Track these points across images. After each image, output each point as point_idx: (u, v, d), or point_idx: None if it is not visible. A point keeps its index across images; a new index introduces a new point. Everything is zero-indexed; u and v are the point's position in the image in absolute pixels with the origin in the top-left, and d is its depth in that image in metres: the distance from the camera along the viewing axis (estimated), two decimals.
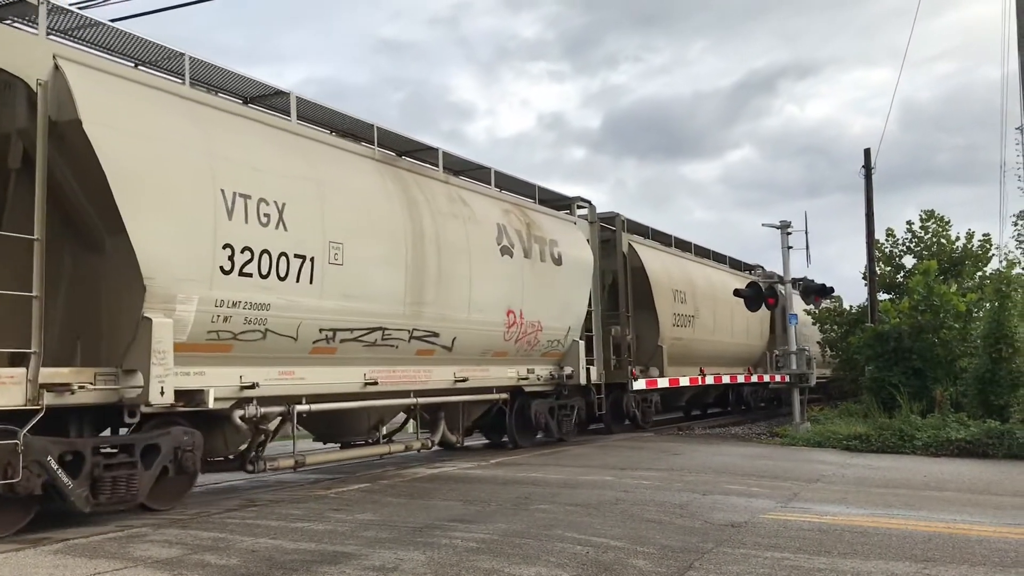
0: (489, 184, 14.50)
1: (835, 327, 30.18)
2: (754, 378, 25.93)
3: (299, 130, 10.53)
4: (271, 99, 10.62)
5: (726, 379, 23.68)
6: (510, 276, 13.79)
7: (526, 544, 6.80)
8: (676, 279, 20.98)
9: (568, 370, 15.43)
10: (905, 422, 17.00)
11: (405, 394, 11.99)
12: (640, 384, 18.73)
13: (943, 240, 31.20)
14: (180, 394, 8.39)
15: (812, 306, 25.61)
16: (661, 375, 19.28)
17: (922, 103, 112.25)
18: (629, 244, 19.42)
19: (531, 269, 14.28)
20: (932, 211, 31.67)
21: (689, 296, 21.41)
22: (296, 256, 9.53)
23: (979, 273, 30.49)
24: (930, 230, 31.47)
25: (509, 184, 15.30)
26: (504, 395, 14.33)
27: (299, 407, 10.02)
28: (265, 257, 9.13)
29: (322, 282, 9.90)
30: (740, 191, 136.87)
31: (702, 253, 24.63)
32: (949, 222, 31.41)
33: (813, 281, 20.98)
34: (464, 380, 12.98)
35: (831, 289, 21.51)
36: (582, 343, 15.76)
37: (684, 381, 21.30)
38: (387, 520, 7.91)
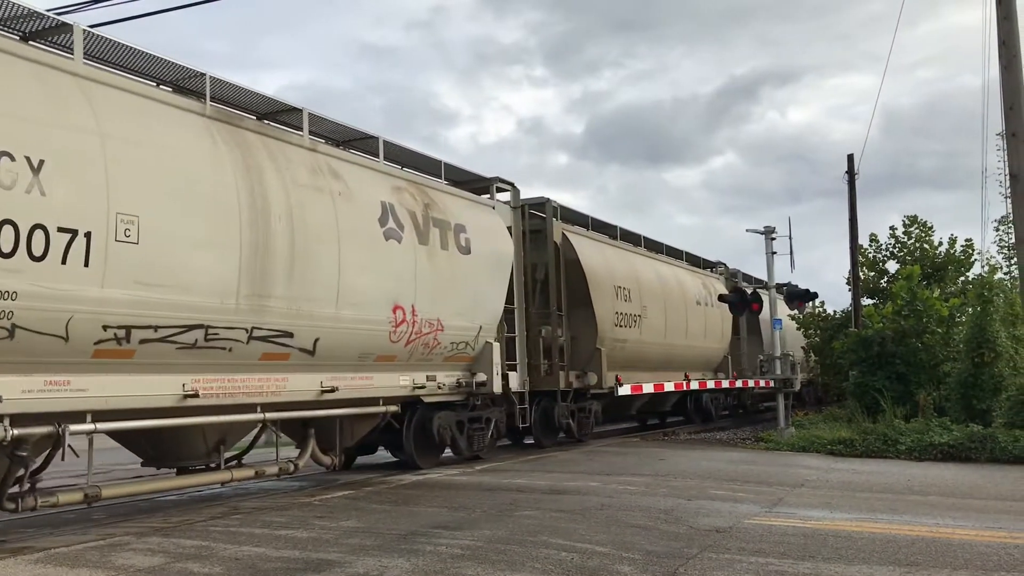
0: (377, 157, 12.28)
1: (818, 332, 30.33)
2: (725, 383, 24.76)
3: (85, 72, 8.22)
4: (54, 34, 8.50)
5: (695, 384, 22.20)
6: (398, 265, 11.67)
7: (511, 551, 6.79)
8: (619, 274, 18.87)
9: (480, 377, 13.49)
10: (889, 427, 17.08)
11: (251, 408, 9.69)
12: (625, 389, 18.36)
13: (926, 245, 31.40)
14: None
15: (796, 311, 25.60)
16: (599, 381, 17.16)
17: (903, 109, 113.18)
18: (563, 234, 17.33)
19: (428, 258, 12.23)
20: (915, 216, 31.89)
21: (635, 293, 19.30)
22: (62, 230, 7.38)
23: (962, 278, 30.70)
24: (913, 235, 31.67)
25: (406, 158, 13.16)
26: (394, 407, 11.99)
27: (76, 427, 7.74)
28: (7, 230, 6.99)
29: (104, 264, 7.74)
30: (723, 197, 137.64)
31: (654, 247, 22.46)
32: (932, 227, 31.62)
33: (797, 286, 21.05)
34: (333, 390, 10.69)
35: (815, 294, 21.62)
36: (497, 345, 13.79)
37: (648, 388, 20.34)
38: (371, 527, 7.88)
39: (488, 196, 14.99)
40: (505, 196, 15.58)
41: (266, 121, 10.82)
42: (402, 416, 12.42)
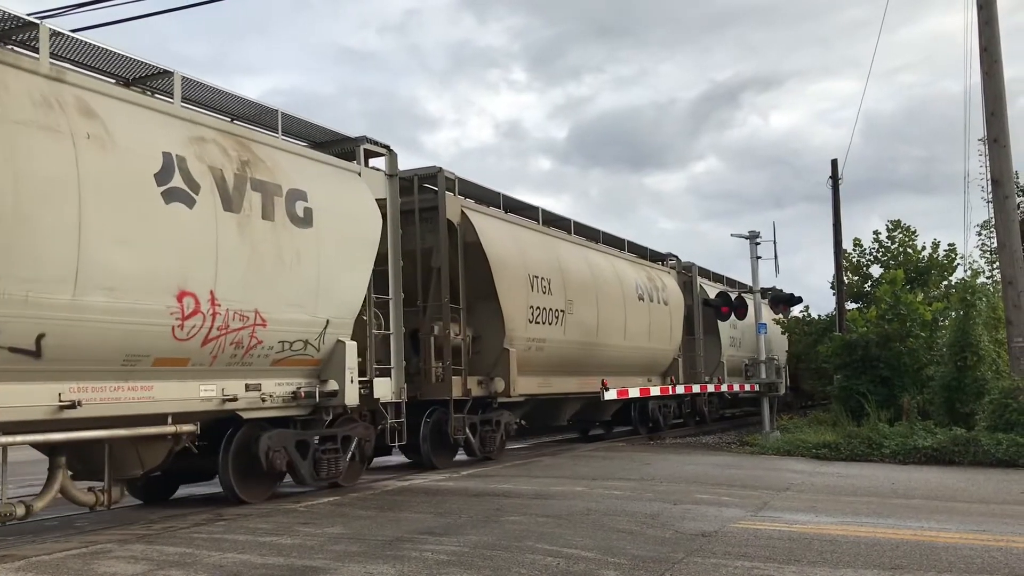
0: (171, 98, 9.54)
1: (803, 336, 30.48)
2: (680, 389, 22.41)
3: None
4: None
5: (634, 392, 19.56)
6: (187, 237, 8.86)
7: (497, 556, 6.77)
8: (536, 263, 16.08)
9: (332, 385, 10.87)
10: (873, 430, 17.15)
11: None
12: (611, 394, 18.14)
13: (909, 250, 31.64)
14: None
15: (780, 315, 25.73)
16: (507, 388, 14.57)
17: (884, 115, 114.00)
18: (462, 212, 14.59)
19: (240, 230, 9.41)
20: (899, 221, 32.17)
21: (557, 286, 16.61)
22: None
23: (945, 282, 30.93)
24: (897, 240, 31.91)
25: (222, 103, 10.55)
26: (189, 426, 9.07)
27: None
28: None
29: None
30: (706, 202, 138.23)
31: (586, 234, 19.69)
32: (915, 232, 31.89)
33: (781, 291, 21.16)
34: (73, 406, 7.93)
35: (799, 299, 21.74)
36: (352, 345, 11.03)
37: (634, 392, 19.39)
38: (357, 533, 7.85)
39: (352, 159, 12.08)
40: (380, 163, 12.71)
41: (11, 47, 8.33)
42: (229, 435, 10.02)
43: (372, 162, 12.50)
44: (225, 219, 9.31)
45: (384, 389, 12.02)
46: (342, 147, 12.18)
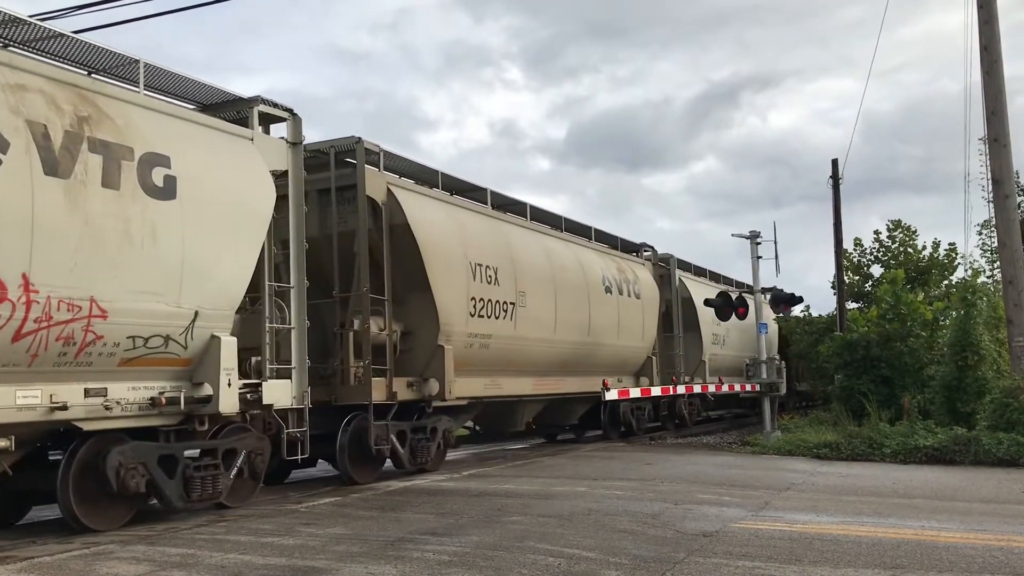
0: None
1: (803, 335, 30.48)
2: (656, 391, 20.72)
3: None
4: None
5: (655, 391, 19.23)
6: None
7: (498, 556, 6.78)
8: (480, 249, 14.30)
9: (206, 389, 9.16)
10: (874, 430, 17.15)
11: None
12: (612, 394, 17.95)
13: (910, 249, 31.67)
14: None
15: (781, 315, 25.66)
16: (442, 390, 12.86)
17: (882, 114, 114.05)
18: (387, 189, 12.72)
19: (67, 198, 7.76)
20: (899, 221, 32.21)
21: (507, 275, 14.84)
22: None
23: (945, 282, 30.95)
24: (897, 239, 31.94)
25: (70, 53, 8.87)
26: (1, 442, 7.45)
27: None
28: None
29: None
30: (705, 202, 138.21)
31: (546, 220, 17.94)
32: (916, 232, 31.93)
33: (782, 290, 21.14)
34: None
35: (800, 298, 21.71)
36: (229, 341, 9.23)
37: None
38: (358, 534, 7.85)
39: (238, 122, 10.34)
40: (281, 130, 10.92)
41: None
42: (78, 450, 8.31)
43: (276, 129, 10.81)
44: (47, 185, 7.61)
45: (279, 393, 10.16)
46: (237, 110, 10.42)
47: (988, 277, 26.89)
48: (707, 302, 20.95)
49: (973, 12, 16.97)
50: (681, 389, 22.50)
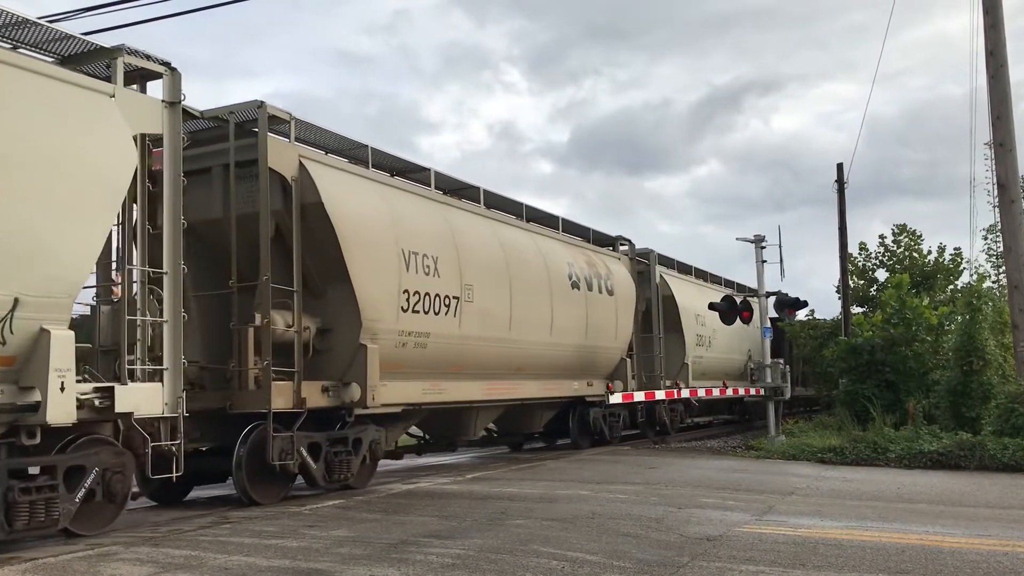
0: None
1: (808, 340, 30.42)
2: (634, 395, 18.92)
3: None
4: None
5: (659, 394, 18.15)
6: None
7: (502, 559, 6.78)
8: (416, 235, 12.61)
9: (35, 395, 7.56)
10: (878, 434, 17.14)
11: None
12: (618, 397, 17.84)
13: (915, 254, 31.60)
14: None
15: (786, 319, 25.47)
16: (363, 396, 11.09)
17: (886, 118, 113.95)
18: (300, 163, 11.07)
19: None
20: (904, 225, 32.14)
21: (450, 266, 13.17)
22: None
23: (951, 287, 30.89)
24: (902, 244, 31.87)
25: None
26: None
27: None
28: None
29: None
30: (708, 205, 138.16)
31: (504, 207, 16.19)
32: (921, 236, 31.86)
33: (786, 295, 21.14)
34: None
35: (805, 303, 21.68)
36: (62, 336, 7.64)
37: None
38: (362, 536, 7.86)
39: (129, 86, 8.91)
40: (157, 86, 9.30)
41: None
42: None
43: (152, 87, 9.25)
44: None
45: (143, 399, 8.49)
46: (102, 62, 8.89)
47: (994, 282, 26.85)
48: (711, 306, 20.89)
49: (979, 17, 16.95)
50: (668, 393, 21.02)
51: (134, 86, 9.00)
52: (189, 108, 9.90)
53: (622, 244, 20.62)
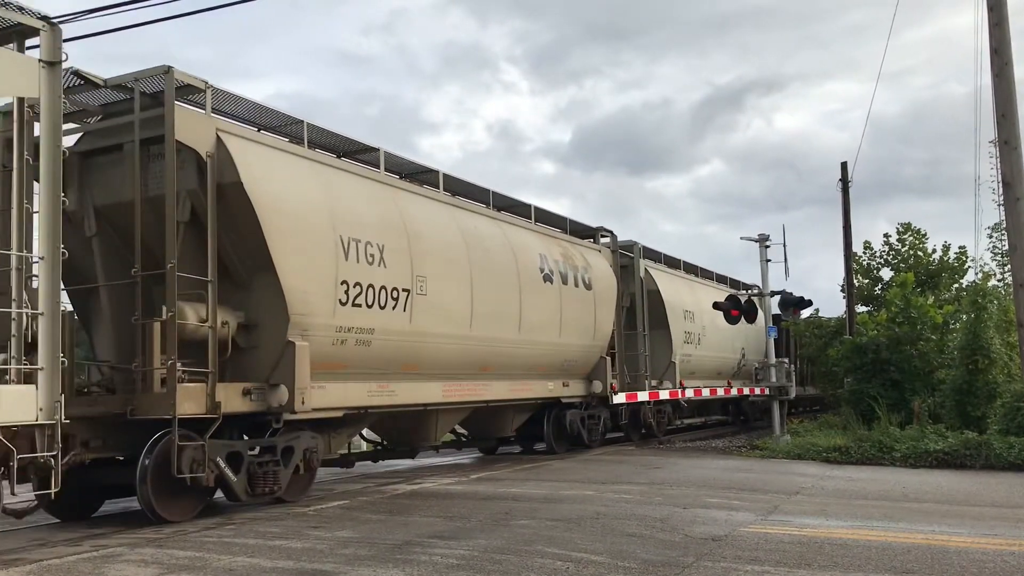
0: None
1: (813, 339, 30.38)
2: (613, 396, 17.74)
3: None
4: None
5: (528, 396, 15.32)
6: None
7: (506, 560, 6.77)
8: (356, 221, 11.27)
9: None
10: (884, 434, 17.10)
11: None
12: (619, 398, 17.87)
13: (920, 252, 31.58)
14: None
15: (791, 318, 25.37)
16: (292, 399, 9.93)
17: (888, 117, 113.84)
18: (216, 136, 9.81)
19: None
20: (909, 224, 32.13)
21: (397, 255, 11.81)
22: None
23: (956, 285, 30.86)
24: (907, 242, 31.85)
25: None
26: None
27: None
28: None
29: None
30: (710, 205, 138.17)
31: (466, 192, 14.83)
32: (926, 235, 31.84)
33: (791, 294, 21.12)
34: None
35: (809, 302, 21.66)
36: None
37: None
38: (366, 537, 7.85)
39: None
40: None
41: None
42: None
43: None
44: None
45: (10, 404, 7.19)
46: None
47: (999, 280, 26.81)
48: (716, 305, 20.87)
49: (983, 14, 16.90)
50: (664, 394, 20.12)
51: (11, 45, 7.87)
52: (91, 75, 9.30)
53: (603, 236, 19.37)
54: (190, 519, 9.26)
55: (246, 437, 10.09)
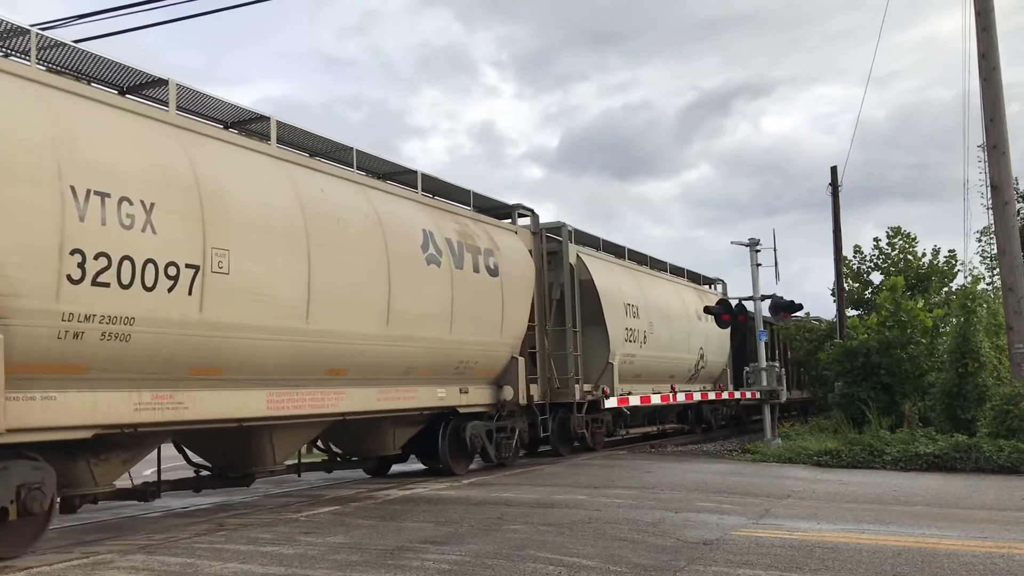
0: None
1: (803, 342, 30.47)
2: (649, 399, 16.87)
3: None
4: None
5: (408, 404, 12.43)
6: None
7: (498, 565, 6.77)
8: (98, 164, 8.08)
9: None
10: (875, 437, 17.14)
11: None
12: (613, 401, 17.82)
13: (910, 256, 31.72)
14: None
15: (781, 322, 25.37)
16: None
17: (875, 121, 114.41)
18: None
19: None
20: (899, 228, 32.32)
21: (175, 216, 8.67)
22: None
23: (945, 289, 31.00)
24: (897, 246, 32.00)
25: None
26: None
27: None
28: None
29: None
30: (699, 210, 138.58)
31: (315, 149, 12.21)
32: (915, 239, 31.99)
33: (781, 297, 21.14)
34: None
35: (800, 305, 21.69)
36: None
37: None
38: (358, 543, 7.84)
39: None
40: None
41: None
42: None
43: None
44: None
45: None
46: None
47: (988, 284, 26.95)
48: (707, 310, 20.89)
49: (971, 19, 17.00)
50: (635, 400, 18.39)
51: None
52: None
53: (522, 215, 16.67)
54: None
55: None
